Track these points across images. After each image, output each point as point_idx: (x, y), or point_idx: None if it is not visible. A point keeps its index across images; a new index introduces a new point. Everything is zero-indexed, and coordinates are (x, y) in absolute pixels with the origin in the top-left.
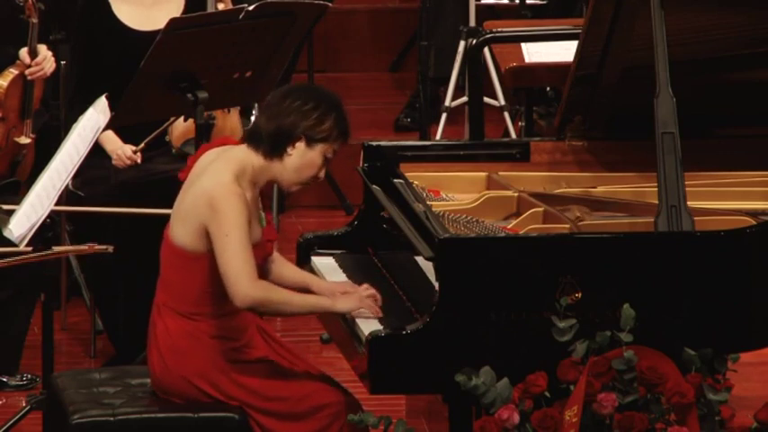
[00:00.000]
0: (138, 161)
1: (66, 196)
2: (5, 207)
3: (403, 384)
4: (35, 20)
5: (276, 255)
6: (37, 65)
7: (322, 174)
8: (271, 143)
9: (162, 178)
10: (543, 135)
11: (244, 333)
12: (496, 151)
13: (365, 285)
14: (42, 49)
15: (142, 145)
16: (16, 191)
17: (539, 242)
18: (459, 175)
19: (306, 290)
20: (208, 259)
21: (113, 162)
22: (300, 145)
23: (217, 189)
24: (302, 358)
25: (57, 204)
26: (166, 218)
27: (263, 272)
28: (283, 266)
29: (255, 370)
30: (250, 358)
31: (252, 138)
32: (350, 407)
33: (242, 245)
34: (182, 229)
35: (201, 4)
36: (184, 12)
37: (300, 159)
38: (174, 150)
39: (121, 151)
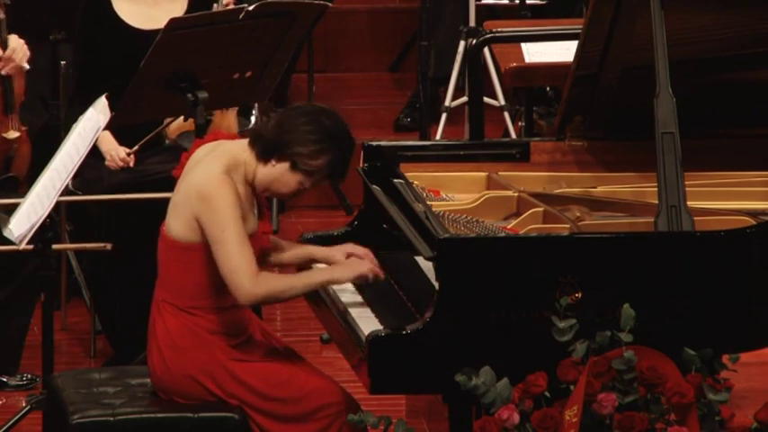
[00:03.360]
0: (131, 164)
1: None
2: (3, 201)
3: (403, 384)
4: (2, 15)
5: (273, 238)
6: (7, 58)
7: (292, 197)
8: (264, 147)
9: (155, 179)
10: (543, 135)
11: (244, 330)
12: (496, 151)
13: (366, 250)
14: (13, 39)
15: (136, 147)
16: (15, 188)
17: (539, 242)
18: (459, 175)
19: (310, 263)
20: (203, 250)
21: (106, 163)
22: (285, 164)
23: (207, 181)
24: (302, 358)
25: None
26: (164, 216)
27: (263, 261)
28: (281, 249)
29: (256, 369)
30: (250, 357)
31: (253, 135)
32: (350, 407)
33: (239, 240)
34: (176, 221)
35: (204, 2)
36: (188, 11)
37: (278, 174)
38: (167, 141)
39: (115, 153)
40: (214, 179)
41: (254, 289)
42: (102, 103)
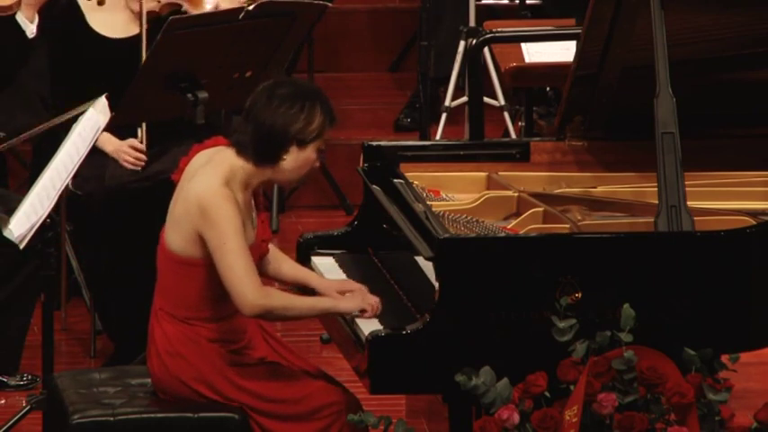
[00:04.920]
0: (145, 157)
1: (65, 195)
2: None
3: (403, 384)
4: None
5: (273, 250)
6: None
7: (317, 163)
8: (262, 152)
9: (157, 180)
10: (543, 135)
11: (243, 335)
12: (496, 151)
13: (360, 286)
14: None
15: (143, 145)
16: None
17: (539, 242)
18: (459, 175)
19: (305, 287)
20: (203, 265)
21: (122, 163)
22: (293, 149)
23: (207, 195)
24: (302, 358)
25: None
26: (164, 219)
27: (261, 271)
28: (281, 262)
29: (255, 372)
30: (250, 360)
31: (239, 145)
32: (350, 407)
33: (241, 252)
34: (175, 235)
35: None
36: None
37: (295, 161)
38: None
39: (124, 150)
40: (213, 192)
41: (258, 300)
42: (102, 103)
